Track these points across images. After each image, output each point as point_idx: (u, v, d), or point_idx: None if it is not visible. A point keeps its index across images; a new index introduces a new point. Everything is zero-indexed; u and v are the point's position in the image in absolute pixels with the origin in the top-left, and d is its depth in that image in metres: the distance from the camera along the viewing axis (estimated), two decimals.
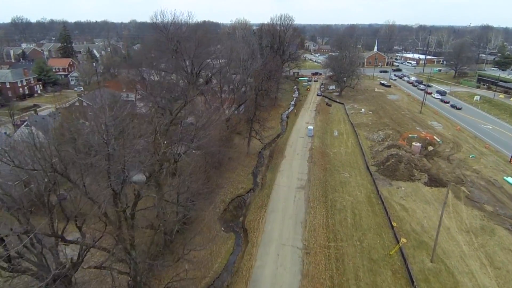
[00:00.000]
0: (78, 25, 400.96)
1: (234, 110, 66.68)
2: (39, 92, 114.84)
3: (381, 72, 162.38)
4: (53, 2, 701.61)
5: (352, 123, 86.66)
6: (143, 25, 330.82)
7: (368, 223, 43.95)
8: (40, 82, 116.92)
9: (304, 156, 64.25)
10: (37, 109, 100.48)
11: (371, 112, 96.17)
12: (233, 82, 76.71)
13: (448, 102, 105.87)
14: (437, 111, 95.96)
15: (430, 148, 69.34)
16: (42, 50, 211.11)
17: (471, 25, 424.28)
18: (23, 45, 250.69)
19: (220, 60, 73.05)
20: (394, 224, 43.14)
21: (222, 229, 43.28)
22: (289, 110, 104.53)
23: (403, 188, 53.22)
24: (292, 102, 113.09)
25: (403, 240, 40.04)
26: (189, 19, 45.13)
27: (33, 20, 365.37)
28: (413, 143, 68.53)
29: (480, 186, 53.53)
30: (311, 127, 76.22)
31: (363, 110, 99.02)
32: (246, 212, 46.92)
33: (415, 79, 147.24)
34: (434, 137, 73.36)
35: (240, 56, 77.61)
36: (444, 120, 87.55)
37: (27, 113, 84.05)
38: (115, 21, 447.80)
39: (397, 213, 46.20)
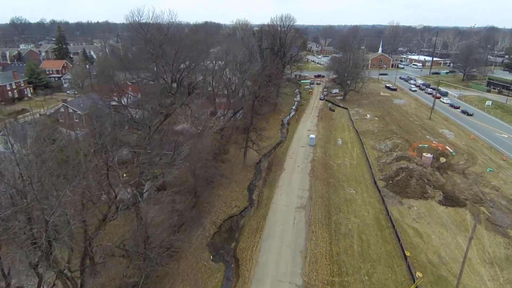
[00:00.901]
0: (79, 26, 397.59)
1: (230, 118, 61.50)
2: (29, 95, 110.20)
3: (380, 74, 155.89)
4: (54, 3, 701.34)
5: (357, 131, 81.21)
6: (144, 26, 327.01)
7: (377, 251, 38.52)
8: (31, 85, 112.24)
9: (305, 169, 58.88)
10: (25, 114, 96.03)
11: (377, 118, 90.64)
12: (230, 85, 71.59)
13: (458, 107, 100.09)
14: (448, 118, 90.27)
15: (443, 159, 63.77)
16: (39, 51, 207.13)
17: (476, 26, 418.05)
18: (22, 46, 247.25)
19: (215, 62, 67.95)
20: (408, 254, 37.70)
21: (210, 258, 38.00)
22: (290, 115, 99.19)
23: (415, 207, 47.75)
24: (293, 107, 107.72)
25: (418, 274, 34.66)
26: (172, 18, 40.10)
27: (34, 20, 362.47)
28: (424, 154, 63.03)
29: (501, 206, 47.94)
30: (313, 136, 70.86)
31: (368, 116, 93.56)
32: (239, 237, 41.60)
33: (422, 82, 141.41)
34: (447, 147, 67.76)
35: (237, 58, 72.53)
36: (456, 128, 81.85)
37: (6, 120, 79.04)
38: (117, 21, 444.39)
39: (410, 239, 40.75)
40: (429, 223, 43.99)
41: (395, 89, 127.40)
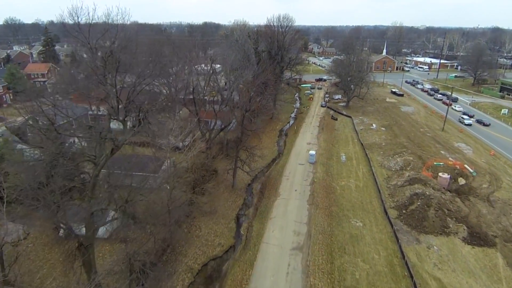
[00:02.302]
0: (76, 26, 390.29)
1: (217, 134, 53.61)
2: (8, 102, 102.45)
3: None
4: (54, 3, 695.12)
5: (362, 144, 73.04)
6: (143, 26, 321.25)
7: None
8: (11, 91, 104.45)
9: (303, 194, 50.75)
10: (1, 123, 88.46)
11: (383, 129, 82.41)
12: (221, 93, 63.67)
13: (472, 116, 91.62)
14: (462, 129, 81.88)
15: (462, 181, 55.59)
16: (31, 53, 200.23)
17: (479, 26, 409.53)
18: (15, 48, 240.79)
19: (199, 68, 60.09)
20: None
21: None
22: (289, 124, 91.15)
23: (435, 247, 39.55)
24: (292, 115, 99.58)
25: None
26: (123, 19, 32.44)
27: (29, 21, 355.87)
28: (440, 174, 54.94)
29: None
30: (313, 152, 62.64)
31: (374, 125, 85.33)
32: None
33: (430, 86, 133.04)
34: (465, 166, 59.50)
35: (228, 64, 64.62)
36: (473, 141, 73.47)
37: None
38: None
39: None
40: (454, 271, 35.82)
41: (402, 95, 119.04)
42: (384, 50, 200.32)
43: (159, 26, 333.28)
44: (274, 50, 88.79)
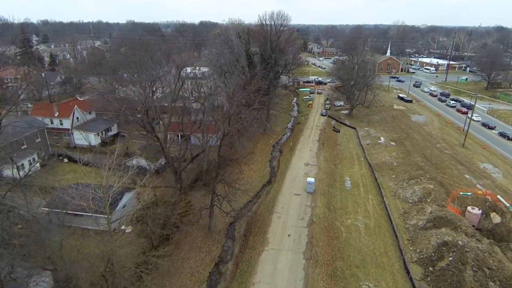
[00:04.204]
0: (72, 26, 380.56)
1: (187, 165, 42.51)
2: None
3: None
4: (52, 3, 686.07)
5: (369, 164, 61.97)
6: (137, 25, 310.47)
7: None
8: None
9: (299, 241, 39.55)
10: None
11: (393, 143, 71.32)
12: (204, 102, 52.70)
13: (493, 128, 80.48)
14: (485, 144, 70.66)
15: (496, 218, 44.49)
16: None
17: (481, 25, 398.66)
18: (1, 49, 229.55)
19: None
20: None
21: None
22: (285, 137, 79.89)
23: None
24: (289, 125, 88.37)
25: None
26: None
27: (19, 20, 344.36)
28: (469, 209, 44.10)
29: None
30: (311, 180, 51.28)
31: (382, 139, 74.27)
32: None
33: (439, 90, 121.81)
34: (498, 196, 48.39)
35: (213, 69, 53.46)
36: (500, 161, 62.30)
37: None
38: (111, 21, 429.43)
39: None
40: None
41: (410, 101, 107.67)
42: (388, 51, 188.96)
43: (153, 25, 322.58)
44: (268, 52, 77.45)
